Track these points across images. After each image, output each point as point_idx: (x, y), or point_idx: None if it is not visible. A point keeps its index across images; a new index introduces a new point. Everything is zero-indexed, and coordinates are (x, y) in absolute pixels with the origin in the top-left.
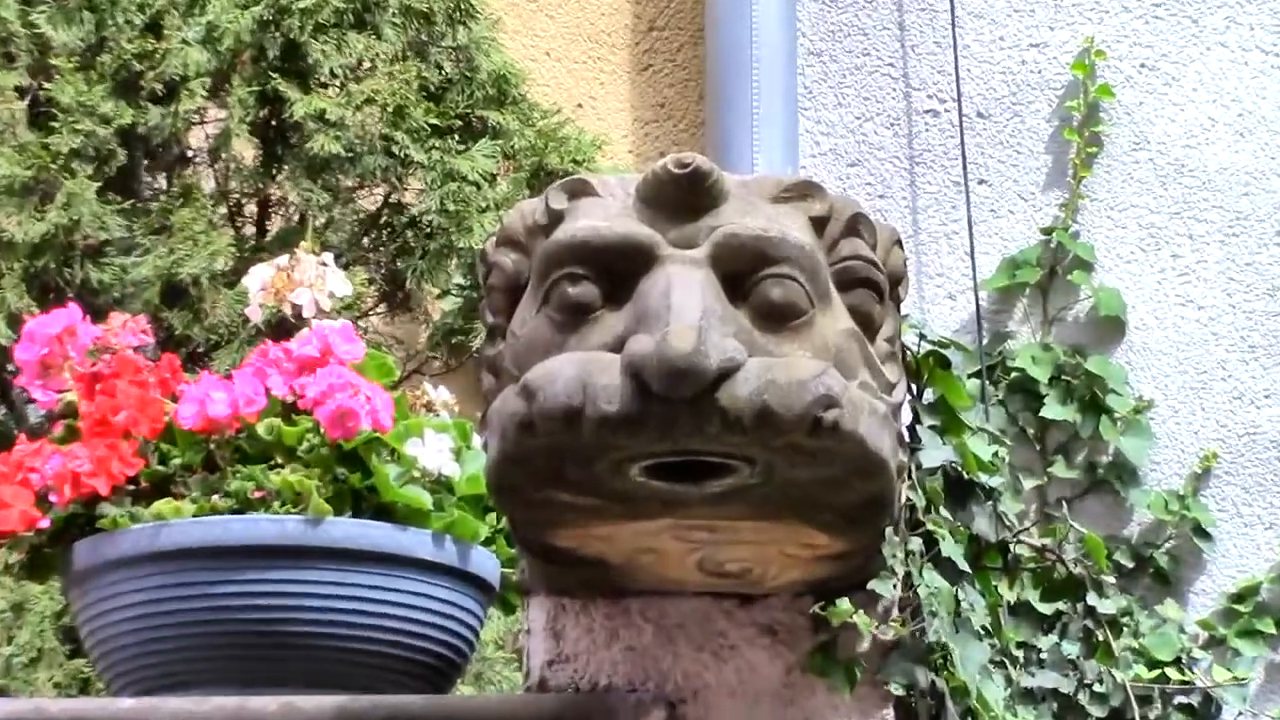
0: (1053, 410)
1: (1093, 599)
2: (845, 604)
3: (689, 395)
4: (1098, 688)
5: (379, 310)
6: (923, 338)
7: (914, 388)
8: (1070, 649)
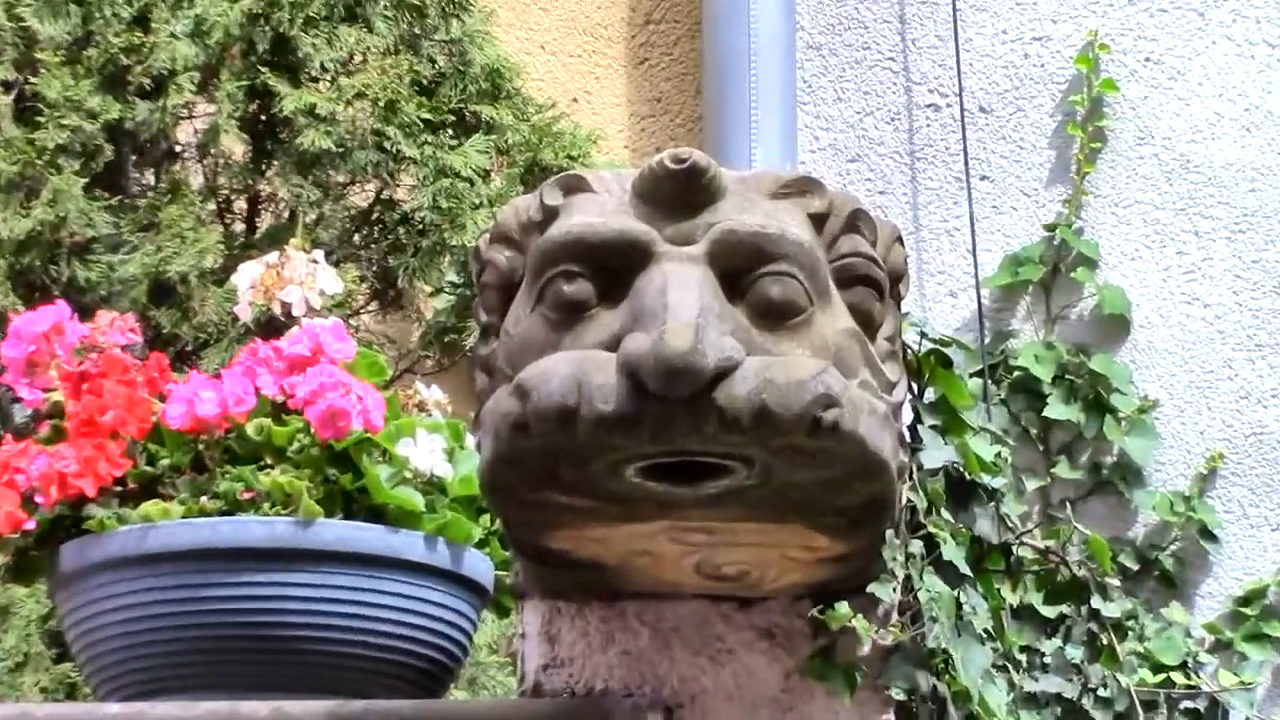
0: (1056, 410)
1: (1097, 602)
2: (844, 608)
3: (686, 395)
4: (1102, 692)
5: (370, 308)
6: (924, 336)
7: (915, 387)
8: (1074, 653)
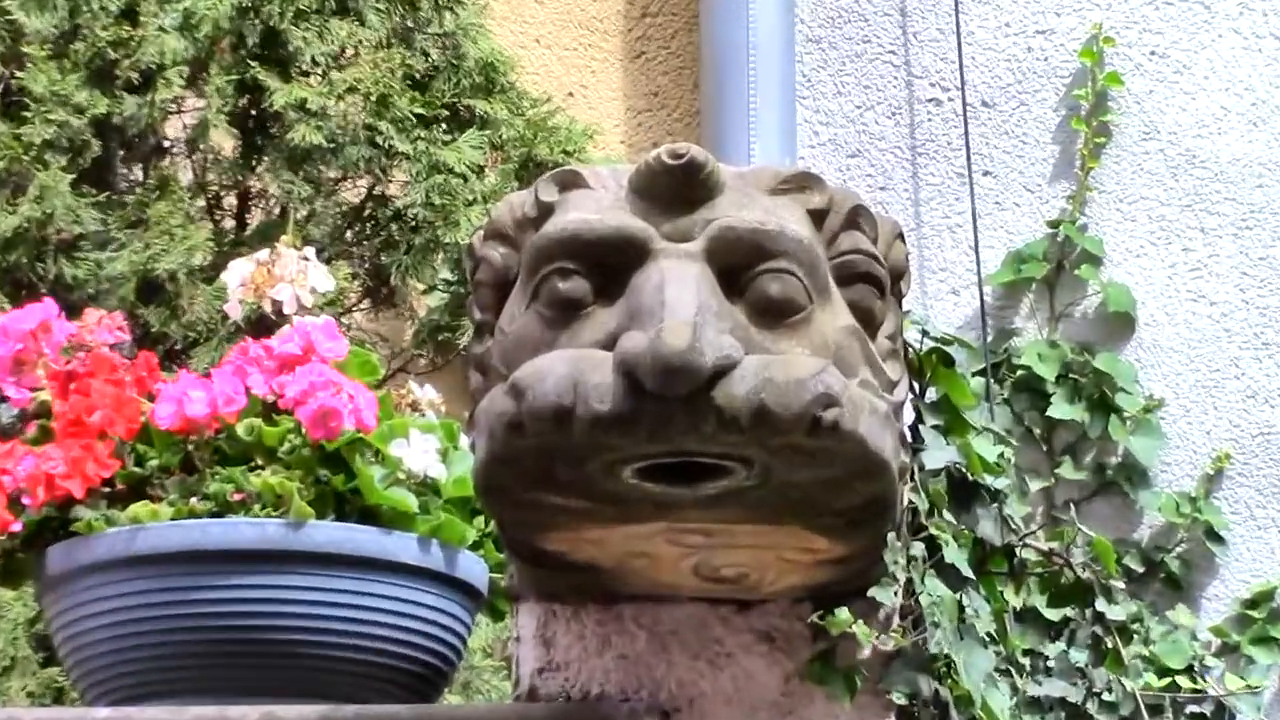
0: (1060, 409)
1: (1101, 605)
2: (844, 613)
3: (684, 394)
4: (1107, 696)
5: (363, 306)
6: (925, 334)
7: (916, 386)
8: (1078, 656)
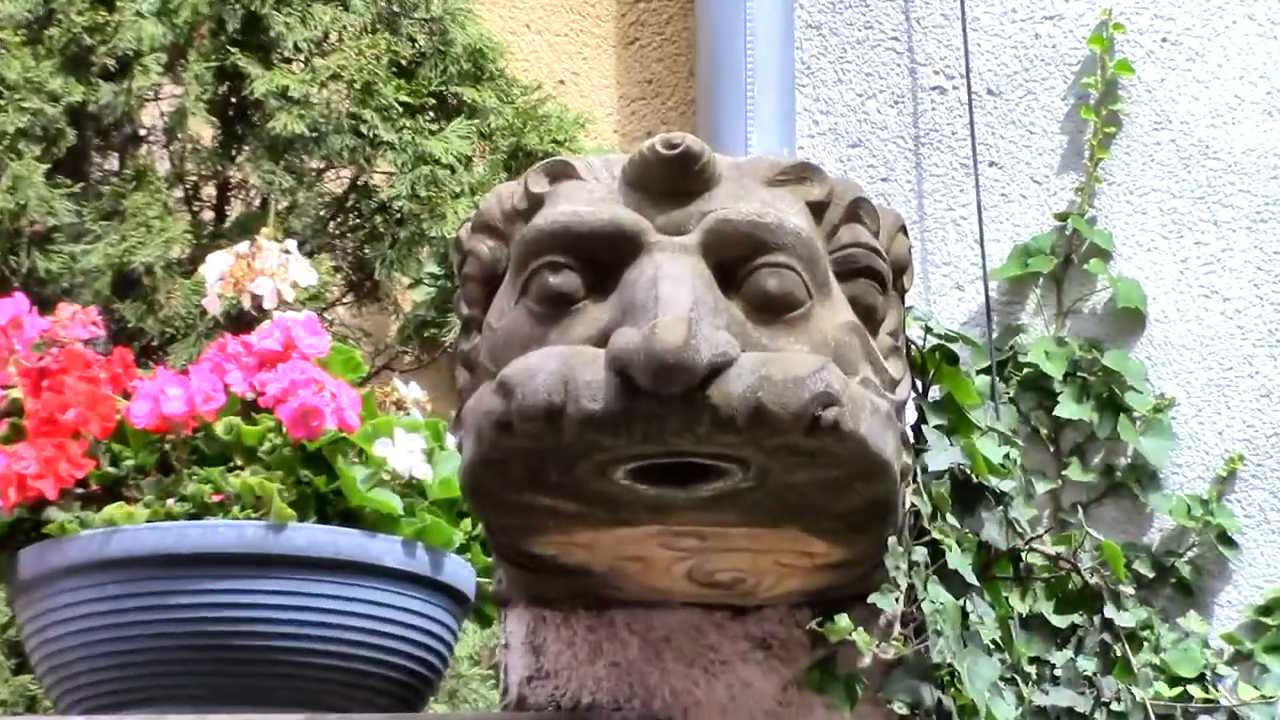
0: (1067, 409)
1: (1110, 611)
2: (843, 620)
3: (678, 392)
4: (1116, 706)
5: (346, 301)
6: (928, 331)
7: (919, 385)
8: (1086, 665)
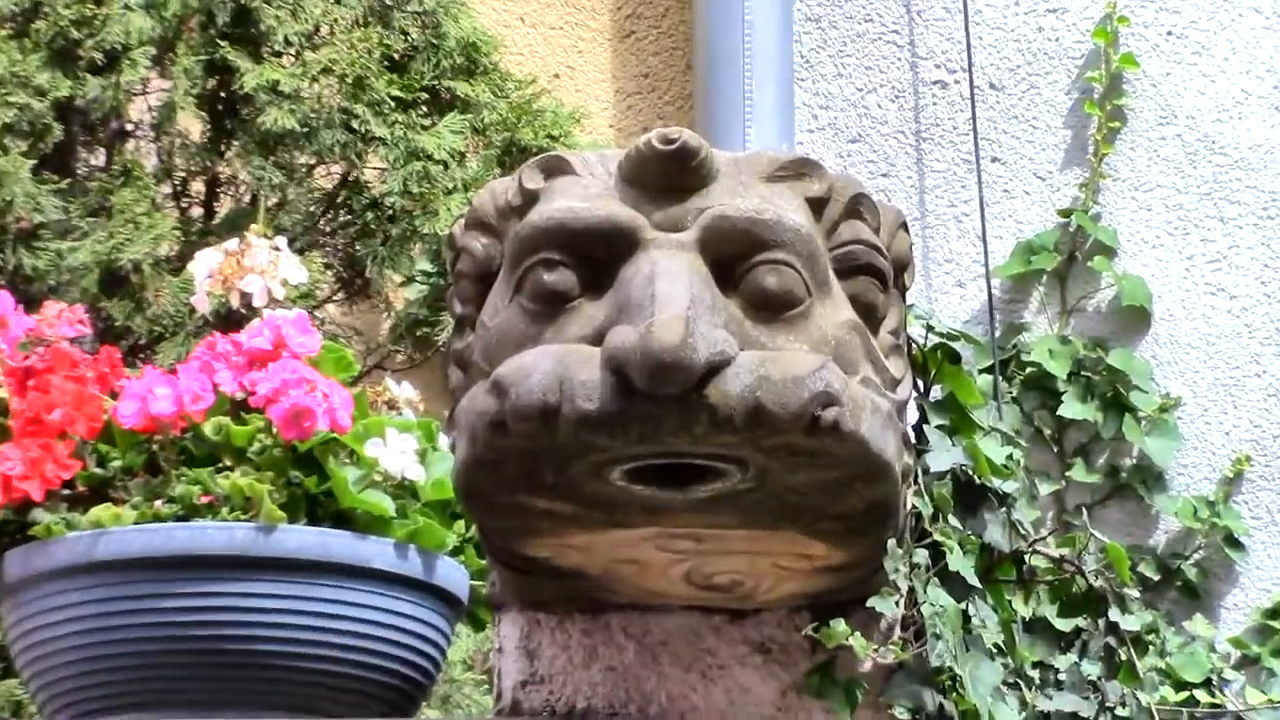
0: (1071, 409)
1: (1115, 614)
2: (841, 625)
3: (675, 392)
4: (1121, 711)
5: (337, 299)
6: (930, 329)
7: (920, 384)
8: (1090, 669)
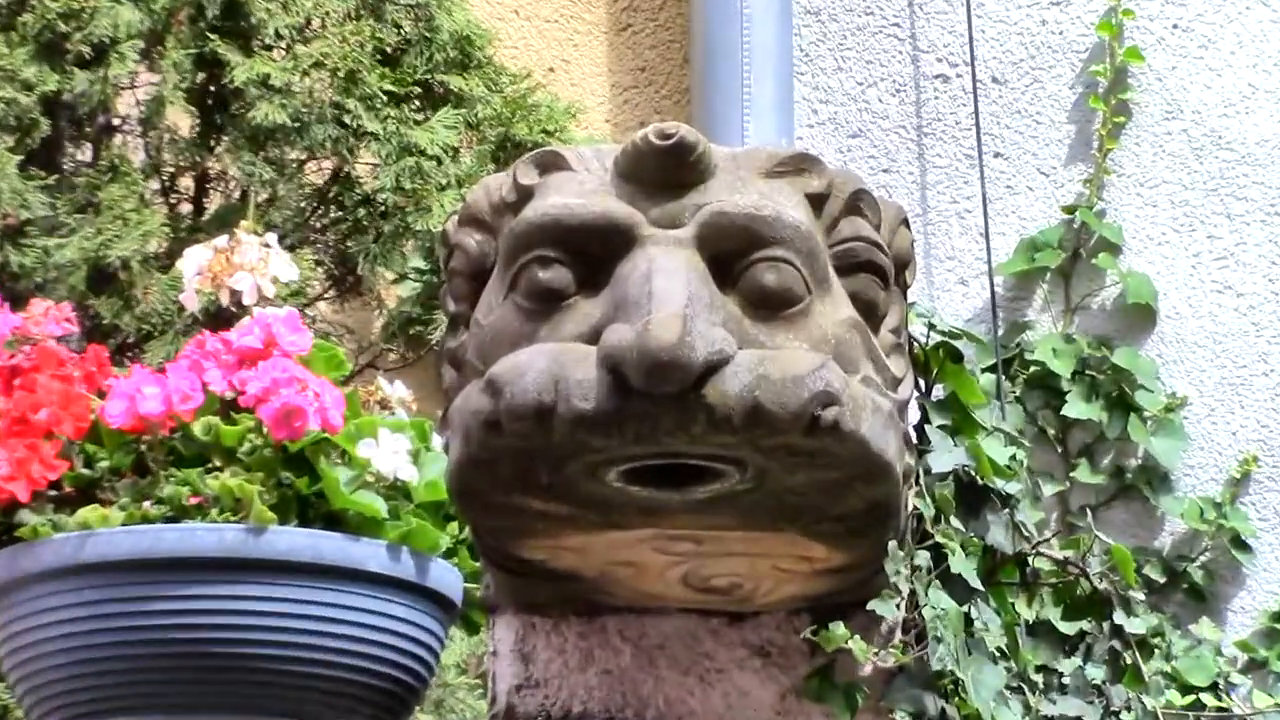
0: (1076, 408)
1: (1120, 617)
2: (839, 629)
3: (672, 391)
4: (1126, 715)
5: (328, 297)
6: (932, 328)
7: (922, 383)
8: (1095, 673)
